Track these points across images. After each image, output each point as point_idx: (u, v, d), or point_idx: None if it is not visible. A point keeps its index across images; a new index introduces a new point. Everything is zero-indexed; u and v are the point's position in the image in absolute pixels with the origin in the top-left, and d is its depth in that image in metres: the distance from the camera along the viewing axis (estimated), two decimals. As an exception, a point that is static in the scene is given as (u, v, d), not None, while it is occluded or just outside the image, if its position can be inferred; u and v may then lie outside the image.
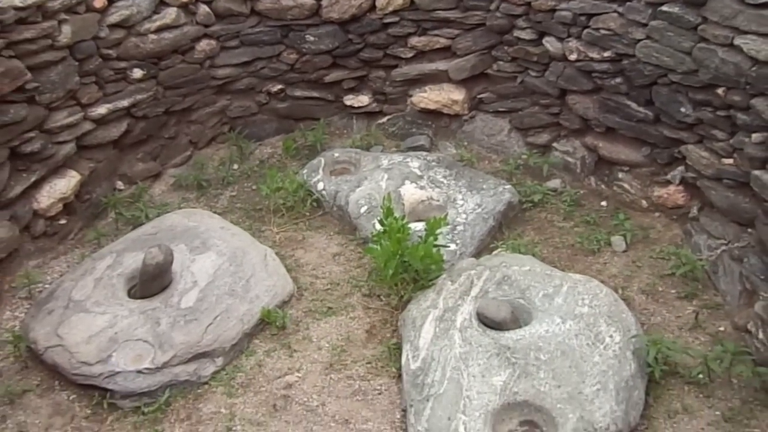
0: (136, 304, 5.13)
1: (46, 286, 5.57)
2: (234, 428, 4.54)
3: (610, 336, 4.55)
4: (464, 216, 5.89)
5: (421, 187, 6.23)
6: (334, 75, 7.28)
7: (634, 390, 4.33)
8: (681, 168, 5.76)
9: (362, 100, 7.37)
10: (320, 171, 6.60)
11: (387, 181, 6.27)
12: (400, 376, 4.71)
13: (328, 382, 4.82)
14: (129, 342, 4.85)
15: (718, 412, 4.38)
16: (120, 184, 6.61)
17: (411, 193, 6.18)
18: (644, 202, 6.06)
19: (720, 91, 5.18)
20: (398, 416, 4.55)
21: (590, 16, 5.99)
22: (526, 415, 4.25)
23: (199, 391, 4.80)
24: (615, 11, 5.83)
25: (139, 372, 4.72)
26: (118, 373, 4.71)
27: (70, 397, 4.81)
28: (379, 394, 4.72)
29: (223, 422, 4.58)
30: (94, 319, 5.00)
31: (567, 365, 4.38)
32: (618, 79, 5.98)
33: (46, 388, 4.88)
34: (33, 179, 5.70)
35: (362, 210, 6.07)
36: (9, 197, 5.51)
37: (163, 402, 4.70)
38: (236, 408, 4.67)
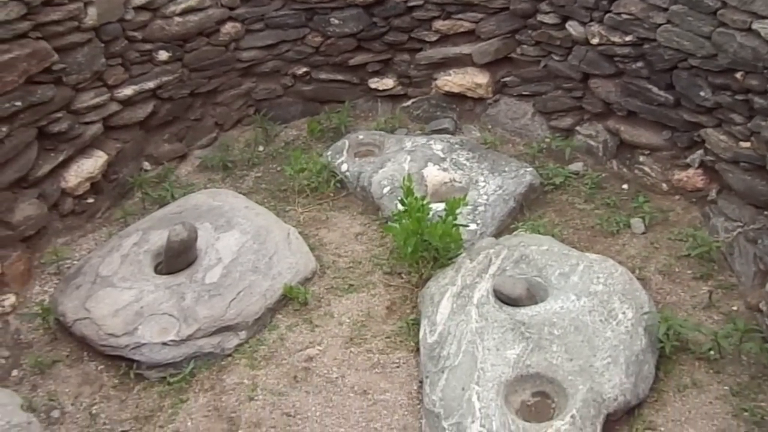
0: (162, 280, 5.24)
1: (75, 262, 5.68)
2: (256, 398, 4.64)
3: (623, 313, 4.61)
4: (485, 197, 5.94)
5: (444, 169, 6.29)
6: (358, 58, 7.32)
7: (644, 364, 4.40)
8: (700, 151, 5.78)
9: (387, 83, 7.41)
10: (344, 153, 6.66)
11: (410, 163, 6.32)
12: (418, 350, 4.79)
13: (348, 356, 4.91)
14: (154, 315, 4.96)
15: (726, 387, 4.44)
16: (146, 165, 6.69)
17: (434, 174, 6.25)
18: (665, 185, 6.08)
19: (738, 75, 5.19)
20: (415, 387, 4.63)
21: (612, 0, 6.00)
22: (538, 386, 4.32)
23: (222, 363, 4.91)
24: (636, -5, 5.86)
25: (165, 344, 4.84)
26: (144, 344, 4.83)
27: (98, 368, 4.95)
28: (397, 367, 4.80)
29: (246, 392, 4.68)
30: (120, 293, 5.11)
31: (579, 340, 4.45)
32: (639, 64, 6.00)
33: (75, 358, 5.01)
34: (61, 159, 5.80)
35: (385, 190, 6.14)
36: (37, 176, 5.61)
37: (188, 373, 4.81)
38: (258, 379, 4.77)
